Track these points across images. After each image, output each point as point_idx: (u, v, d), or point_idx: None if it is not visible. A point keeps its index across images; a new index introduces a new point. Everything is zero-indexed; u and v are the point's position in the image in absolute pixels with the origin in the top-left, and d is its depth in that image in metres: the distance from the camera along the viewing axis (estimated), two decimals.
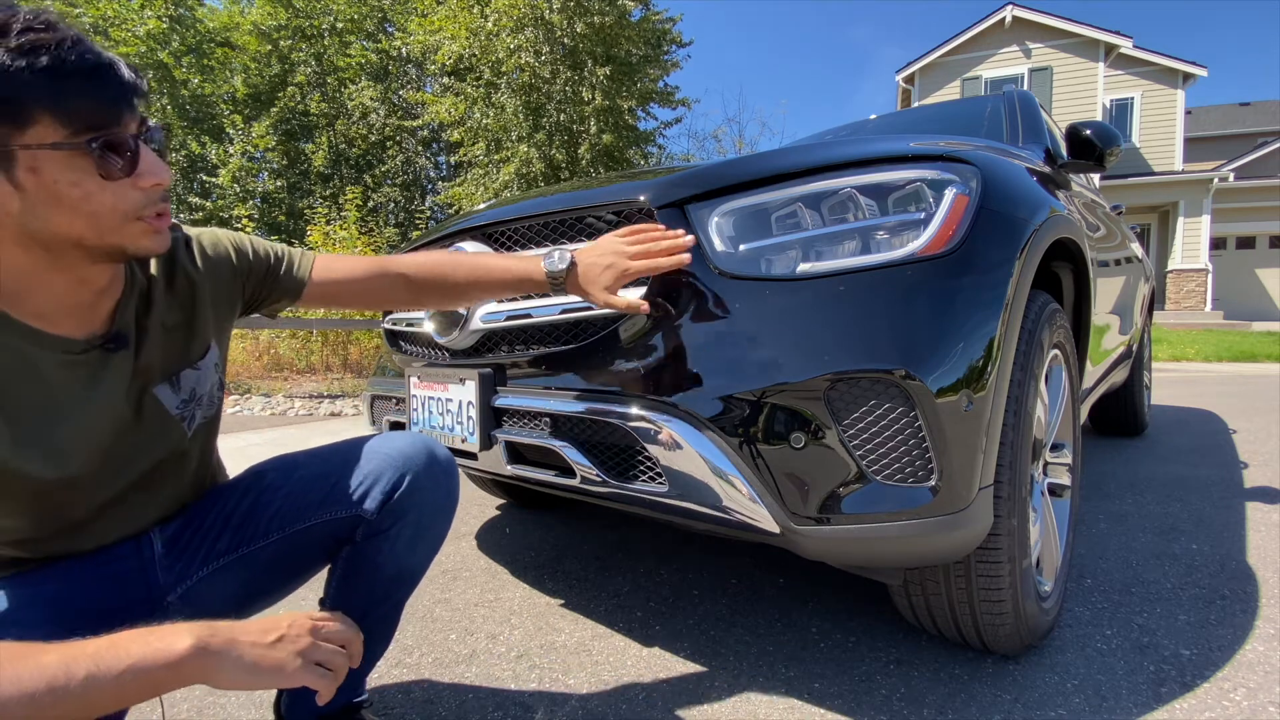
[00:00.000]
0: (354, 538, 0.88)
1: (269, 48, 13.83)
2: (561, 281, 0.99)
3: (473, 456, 1.23)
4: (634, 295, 1.02)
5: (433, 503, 0.91)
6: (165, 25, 13.21)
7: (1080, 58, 14.65)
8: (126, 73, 0.62)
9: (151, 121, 0.67)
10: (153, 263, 0.80)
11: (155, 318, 0.79)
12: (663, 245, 0.98)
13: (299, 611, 0.71)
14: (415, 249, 1.59)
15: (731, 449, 0.92)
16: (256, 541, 0.87)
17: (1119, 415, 3.17)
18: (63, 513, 0.75)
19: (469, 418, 1.21)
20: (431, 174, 15.47)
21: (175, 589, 0.84)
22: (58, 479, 0.71)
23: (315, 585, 0.96)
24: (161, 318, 0.80)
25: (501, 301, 1.23)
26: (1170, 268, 14.36)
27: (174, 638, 0.59)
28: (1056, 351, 1.30)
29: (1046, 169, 1.62)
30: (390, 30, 14.53)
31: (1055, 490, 1.33)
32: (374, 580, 0.89)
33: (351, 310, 5.27)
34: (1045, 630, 1.19)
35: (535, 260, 1.01)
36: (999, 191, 1.08)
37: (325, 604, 0.92)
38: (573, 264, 0.99)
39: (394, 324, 1.64)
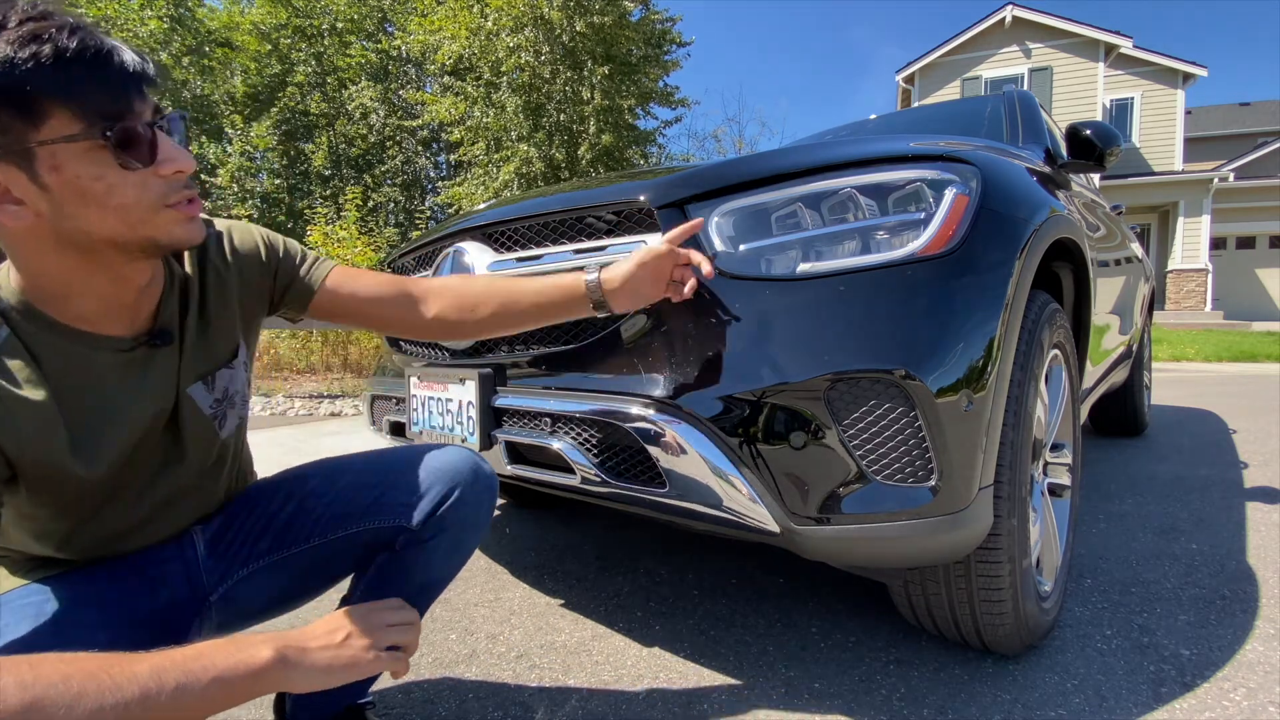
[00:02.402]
0: (393, 545, 0.88)
1: (269, 48, 13.82)
2: (603, 298, 0.92)
3: None
4: None
5: (472, 518, 0.91)
6: (166, 26, 13.20)
7: (1080, 58, 14.65)
8: (130, 57, 0.60)
9: (168, 109, 0.65)
10: (186, 259, 0.79)
11: (191, 315, 0.79)
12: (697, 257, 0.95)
13: (352, 606, 0.74)
14: (415, 248, 1.59)
15: (732, 449, 0.92)
16: (298, 545, 0.87)
17: (1119, 415, 3.17)
18: (106, 512, 0.75)
19: (469, 418, 1.21)
20: (431, 174, 15.45)
21: (217, 589, 0.85)
22: (104, 479, 0.72)
23: (337, 586, 0.97)
24: (195, 315, 0.79)
25: None
26: (1170, 268, 14.36)
27: (254, 650, 0.61)
28: (1056, 351, 1.30)
29: (1046, 169, 1.62)
30: (390, 30, 14.52)
31: (1055, 490, 1.33)
32: (402, 589, 0.89)
33: (357, 329, 5.21)
34: (1045, 630, 1.19)
35: (576, 277, 0.94)
36: (999, 191, 1.08)
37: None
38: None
39: None
